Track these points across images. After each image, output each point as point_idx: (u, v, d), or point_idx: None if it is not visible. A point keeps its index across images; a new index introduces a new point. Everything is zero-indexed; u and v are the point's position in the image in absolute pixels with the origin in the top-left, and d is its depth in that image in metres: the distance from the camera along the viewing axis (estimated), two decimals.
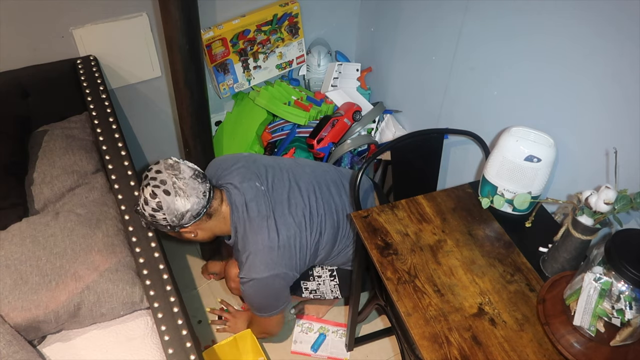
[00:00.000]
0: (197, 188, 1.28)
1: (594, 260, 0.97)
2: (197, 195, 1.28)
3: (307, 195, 1.46)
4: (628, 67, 1.04)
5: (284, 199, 1.42)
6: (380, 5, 1.90)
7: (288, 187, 1.45)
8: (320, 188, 1.50)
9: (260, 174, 1.45)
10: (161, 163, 1.28)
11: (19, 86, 1.56)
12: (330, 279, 1.64)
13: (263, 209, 1.38)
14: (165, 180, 1.25)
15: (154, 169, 1.27)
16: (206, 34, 1.75)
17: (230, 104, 2.10)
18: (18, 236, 1.24)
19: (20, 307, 1.13)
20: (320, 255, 1.50)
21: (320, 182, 1.52)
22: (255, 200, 1.39)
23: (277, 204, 1.41)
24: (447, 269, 1.18)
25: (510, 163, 1.23)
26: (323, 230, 1.46)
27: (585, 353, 0.97)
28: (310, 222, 1.43)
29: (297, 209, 1.42)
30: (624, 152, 1.05)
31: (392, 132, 1.90)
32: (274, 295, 1.45)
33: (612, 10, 1.04)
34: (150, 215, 1.26)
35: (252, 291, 1.41)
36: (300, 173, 1.51)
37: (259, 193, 1.40)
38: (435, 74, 1.68)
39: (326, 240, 1.47)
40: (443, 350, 1.02)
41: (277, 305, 1.49)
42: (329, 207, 1.48)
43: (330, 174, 1.57)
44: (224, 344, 1.66)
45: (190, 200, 1.26)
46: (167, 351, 1.06)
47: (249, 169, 1.45)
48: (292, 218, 1.40)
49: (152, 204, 1.24)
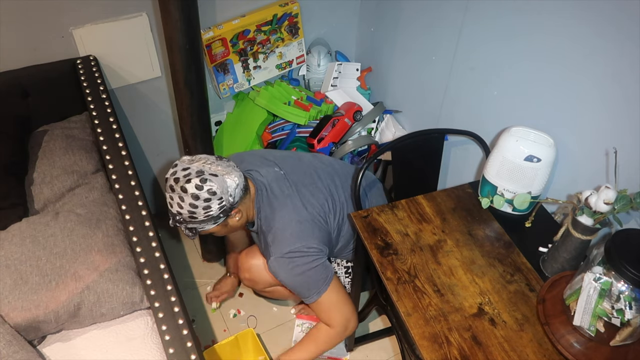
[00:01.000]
0: (229, 164, 1.29)
1: (593, 260, 0.97)
2: (234, 169, 1.29)
3: (328, 183, 1.49)
4: (628, 67, 1.04)
5: (305, 183, 1.45)
6: (380, 5, 1.90)
7: (308, 174, 1.48)
8: (339, 177, 1.53)
9: (278, 161, 1.48)
10: (179, 163, 1.27)
11: (19, 86, 1.56)
12: (346, 275, 1.64)
13: (286, 189, 1.40)
14: (202, 170, 1.24)
15: (179, 170, 1.24)
16: (206, 34, 1.75)
17: (231, 104, 2.10)
18: (18, 236, 1.24)
19: (20, 307, 1.13)
20: (341, 242, 1.50)
21: (339, 172, 1.56)
22: (277, 182, 1.41)
23: (299, 186, 1.43)
24: (447, 269, 1.18)
25: (510, 163, 1.23)
26: (344, 215, 1.47)
27: (585, 353, 0.97)
28: (333, 206, 1.45)
29: (318, 193, 1.44)
30: (624, 152, 1.05)
31: (392, 132, 1.90)
32: (312, 267, 1.35)
33: (612, 10, 1.04)
34: (205, 209, 1.23)
35: (288, 268, 1.34)
36: (318, 164, 1.55)
37: (279, 176, 1.43)
38: (435, 74, 1.68)
39: (347, 227, 1.49)
40: (443, 350, 1.02)
41: (322, 278, 1.36)
42: (347, 195, 1.51)
43: (347, 168, 1.62)
44: (225, 344, 1.66)
45: (234, 174, 1.27)
46: (167, 351, 1.06)
47: (266, 157, 1.50)
48: (315, 200, 1.42)
49: (204, 195, 1.22)
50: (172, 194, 1.25)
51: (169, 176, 1.27)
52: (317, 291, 1.38)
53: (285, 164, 1.48)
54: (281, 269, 1.36)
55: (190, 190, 1.22)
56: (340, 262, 1.64)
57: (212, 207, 1.25)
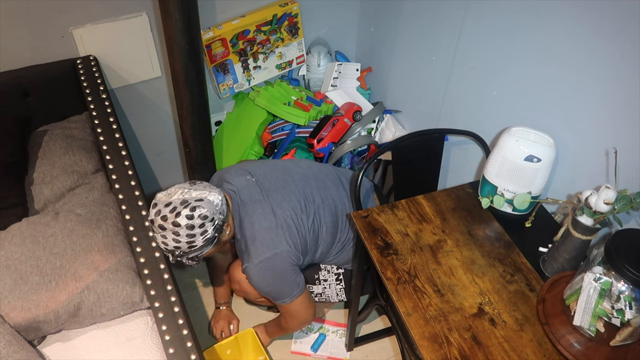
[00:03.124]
0: (204, 185, 1.32)
1: (593, 260, 0.97)
2: (211, 187, 1.31)
3: (302, 185, 1.49)
4: (628, 67, 1.04)
5: (277, 187, 1.45)
6: (380, 5, 1.90)
7: (281, 178, 1.48)
8: (316, 180, 1.52)
9: (251, 169, 1.50)
10: (158, 202, 1.26)
11: (19, 86, 1.56)
12: (337, 282, 1.64)
13: (255, 195, 1.41)
14: (184, 199, 1.24)
15: (162, 208, 1.23)
16: (206, 34, 1.75)
17: (230, 104, 2.10)
18: (18, 236, 1.24)
19: (20, 307, 1.13)
20: (322, 246, 1.50)
21: (317, 175, 1.55)
22: (247, 189, 1.43)
23: (270, 191, 1.43)
24: (447, 269, 1.18)
25: (510, 163, 1.23)
26: (321, 217, 1.47)
27: (585, 353, 0.97)
28: (306, 207, 1.45)
29: (290, 195, 1.44)
30: (624, 152, 1.05)
31: (392, 132, 1.90)
32: (283, 275, 1.40)
33: (612, 10, 1.04)
34: (202, 234, 1.25)
35: (259, 276, 1.38)
36: (294, 167, 1.55)
37: (250, 183, 1.45)
38: (435, 74, 1.68)
39: (326, 229, 1.48)
40: (443, 350, 1.02)
41: (292, 286, 1.43)
42: (325, 197, 1.50)
43: (327, 170, 1.61)
44: (225, 344, 1.66)
45: (213, 192, 1.29)
46: (167, 351, 1.06)
47: (240, 168, 1.52)
48: (286, 203, 1.42)
49: (197, 222, 1.23)
50: (164, 232, 1.22)
51: (153, 217, 1.24)
52: (290, 296, 1.45)
53: (257, 172, 1.49)
54: (253, 274, 1.39)
55: (183, 222, 1.22)
56: (331, 268, 1.63)
57: (208, 231, 1.26)
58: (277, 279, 1.41)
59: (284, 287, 1.43)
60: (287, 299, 1.45)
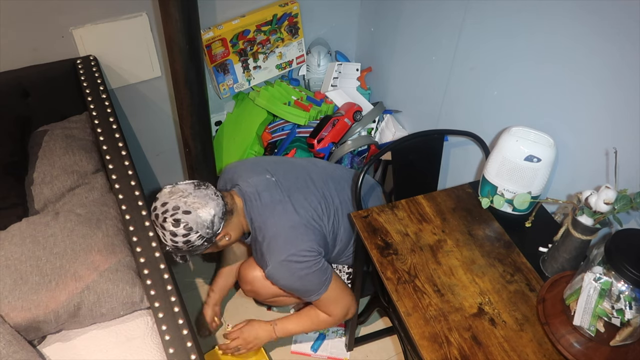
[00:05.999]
0: (206, 194, 1.30)
1: (593, 260, 0.97)
2: (211, 198, 1.30)
3: (321, 186, 1.49)
4: (628, 67, 1.04)
5: (298, 187, 1.45)
6: (380, 5, 1.90)
7: (301, 178, 1.48)
8: (333, 181, 1.53)
9: (270, 168, 1.48)
10: (160, 197, 1.29)
11: (19, 86, 1.56)
12: (348, 282, 1.64)
13: (277, 196, 1.40)
14: (177, 205, 1.26)
15: (158, 205, 1.27)
16: (206, 34, 1.75)
17: (231, 104, 2.10)
18: (18, 236, 1.24)
19: (20, 307, 1.13)
20: (339, 246, 1.50)
21: (334, 176, 1.56)
22: (268, 190, 1.41)
23: (292, 191, 1.43)
24: (447, 269, 1.18)
25: (510, 163, 1.23)
26: (340, 218, 1.47)
27: (585, 353, 0.97)
28: (327, 208, 1.45)
29: (311, 196, 1.44)
30: (624, 152, 1.05)
31: (392, 132, 1.90)
32: (310, 272, 1.37)
33: (612, 10, 1.04)
34: (185, 243, 1.27)
35: (286, 272, 1.35)
36: (312, 167, 1.55)
37: (270, 184, 1.43)
38: (435, 74, 1.68)
39: (343, 230, 1.49)
40: (443, 350, 1.02)
41: (319, 275, 1.38)
42: (342, 198, 1.51)
43: (341, 171, 1.62)
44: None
45: (209, 206, 1.28)
46: (167, 351, 1.06)
47: (258, 164, 1.50)
48: (307, 203, 1.42)
49: (181, 231, 1.25)
50: (156, 224, 1.28)
51: (152, 210, 1.29)
52: (317, 292, 1.41)
53: (277, 171, 1.48)
54: (280, 276, 1.37)
55: (168, 227, 1.26)
56: (342, 268, 1.64)
57: (191, 240, 1.28)
58: (305, 271, 1.37)
59: (313, 279, 1.39)
60: (322, 288, 1.40)
